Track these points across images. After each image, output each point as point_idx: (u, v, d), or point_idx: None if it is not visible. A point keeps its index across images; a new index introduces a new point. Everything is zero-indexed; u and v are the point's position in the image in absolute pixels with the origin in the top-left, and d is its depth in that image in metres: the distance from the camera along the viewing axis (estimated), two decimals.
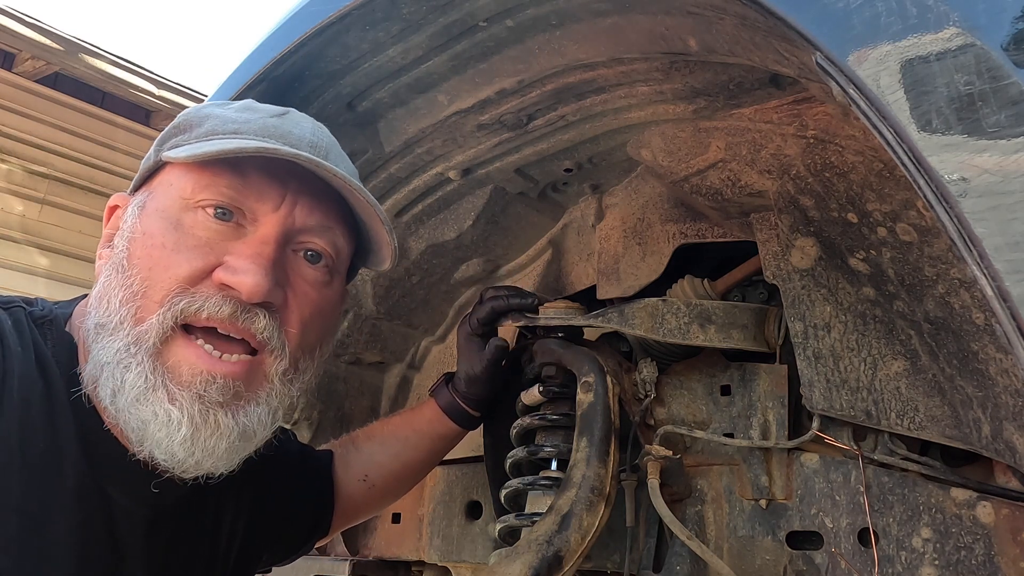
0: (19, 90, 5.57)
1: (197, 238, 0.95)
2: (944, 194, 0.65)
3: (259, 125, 1.01)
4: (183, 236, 0.95)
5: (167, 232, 0.95)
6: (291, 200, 1.00)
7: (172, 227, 0.95)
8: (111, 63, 5.42)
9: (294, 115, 1.07)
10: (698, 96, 1.20)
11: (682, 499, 1.32)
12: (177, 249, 0.94)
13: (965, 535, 1.07)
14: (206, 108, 1.06)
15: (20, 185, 5.66)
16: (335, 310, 1.10)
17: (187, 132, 1.02)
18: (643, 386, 1.33)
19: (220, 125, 1.01)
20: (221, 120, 1.02)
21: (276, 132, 1.01)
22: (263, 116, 1.03)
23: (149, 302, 0.92)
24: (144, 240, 0.96)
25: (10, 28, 4.98)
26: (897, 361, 1.10)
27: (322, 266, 1.04)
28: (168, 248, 0.94)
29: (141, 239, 0.96)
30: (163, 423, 0.90)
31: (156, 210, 0.98)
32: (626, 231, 1.50)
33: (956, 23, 0.65)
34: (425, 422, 1.44)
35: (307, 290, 1.02)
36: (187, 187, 0.97)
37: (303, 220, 1.01)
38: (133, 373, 0.90)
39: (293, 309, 1.00)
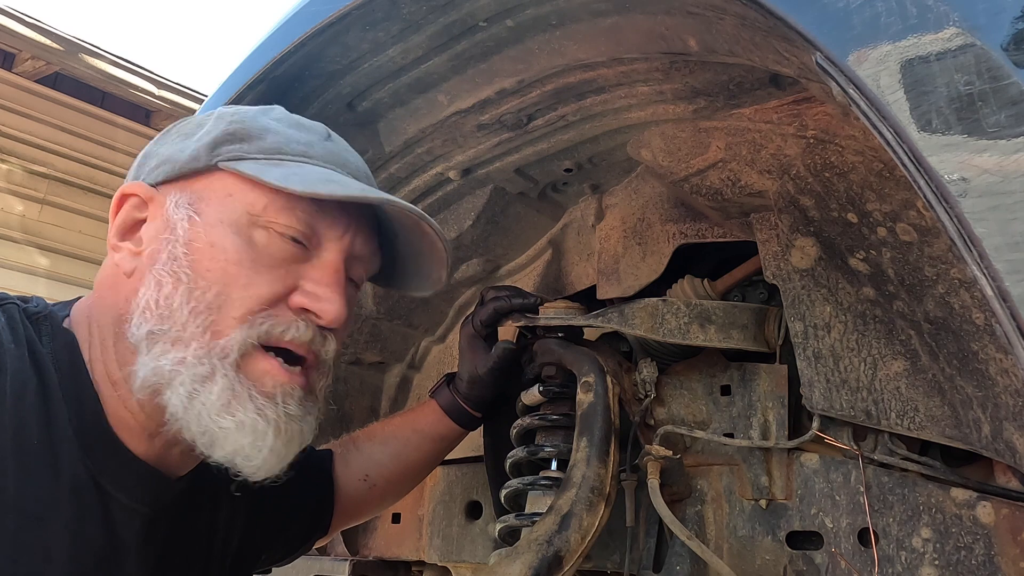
0: (19, 90, 5.58)
1: (273, 259, 0.96)
2: (944, 194, 0.65)
3: (322, 150, 1.02)
4: (258, 255, 0.96)
5: (241, 249, 0.95)
6: (354, 228, 1.03)
7: (245, 244, 0.96)
8: (111, 63, 5.42)
9: (336, 136, 1.10)
10: (698, 96, 1.20)
11: (682, 499, 1.32)
12: (255, 268, 0.95)
13: (965, 535, 1.07)
14: (258, 118, 1.03)
15: (20, 185, 5.66)
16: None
17: (246, 142, 1.00)
18: (643, 386, 1.33)
19: (284, 143, 1.00)
20: (283, 137, 1.01)
21: (339, 160, 1.04)
22: (317, 138, 1.05)
23: (227, 317, 0.94)
24: (213, 253, 0.95)
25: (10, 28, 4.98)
26: (897, 361, 1.10)
27: (354, 287, 1.08)
28: (245, 266, 0.95)
29: (209, 251, 0.95)
30: (250, 431, 0.93)
31: (221, 222, 0.96)
32: (626, 231, 1.50)
33: (956, 23, 0.65)
34: (426, 422, 1.44)
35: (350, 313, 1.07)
36: (257, 204, 0.96)
37: (360, 249, 1.05)
38: (219, 385, 0.92)
39: (342, 332, 1.04)
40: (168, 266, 0.95)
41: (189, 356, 0.92)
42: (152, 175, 1.02)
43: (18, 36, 5.05)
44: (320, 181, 0.97)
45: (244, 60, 1.31)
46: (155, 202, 1.00)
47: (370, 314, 1.71)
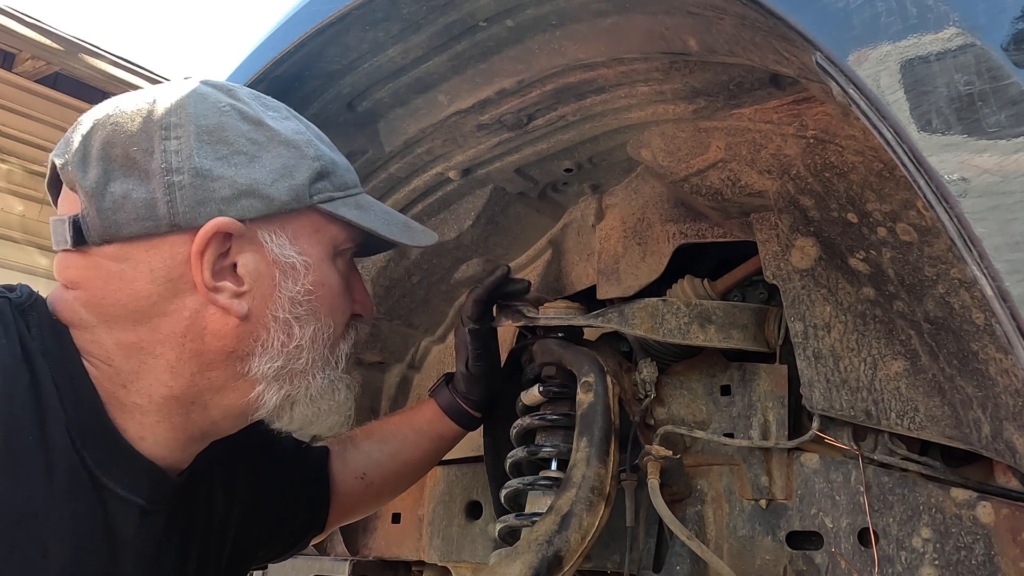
0: (19, 90, 5.57)
1: (348, 280, 1.13)
2: (944, 194, 0.65)
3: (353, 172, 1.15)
4: (342, 280, 1.11)
5: (339, 281, 1.10)
6: None
7: (337, 274, 1.10)
8: (111, 63, 5.42)
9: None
10: (698, 96, 1.20)
11: (682, 499, 1.32)
12: (343, 295, 1.11)
13: (965, 535, 1.07)
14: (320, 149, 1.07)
15: (20, 185, 5.66)
16: None
17: (327, 179, 1.07)
18: (643, 386, 1.33)
19: (345, 174, 1.11)
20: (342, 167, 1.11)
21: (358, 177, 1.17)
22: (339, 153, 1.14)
23: (335, 337, 1.11)
24: (324, 291, 1.07)
25: (10, 28, 4.98)
26: (897, 361, 1.10)
27: None
28: (342, 294, 1.11)
29: (322, 290, 1.06)
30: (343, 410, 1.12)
31: (322, 260, 1.07)
32: (626, 231, 1.50)
33: (956, 23, 0.65)
34: (425, 422, 1.44)
35: None
36: (338, 237, 1.08)
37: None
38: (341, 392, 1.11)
39: None
40: (293, 311, 1.04)
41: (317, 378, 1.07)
42: (234, 209, 0.97)
43: (18, 36, 5.05)
44: (404, 229, 1.15)
45: (244, 60, 1.31)
46: (247, 238, 0.99)
47: None
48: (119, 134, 0.97)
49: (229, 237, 0.97)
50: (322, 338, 1.07)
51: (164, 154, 0.95)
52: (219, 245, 0.96)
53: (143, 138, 0.96)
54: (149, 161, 0.95)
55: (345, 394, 1.12)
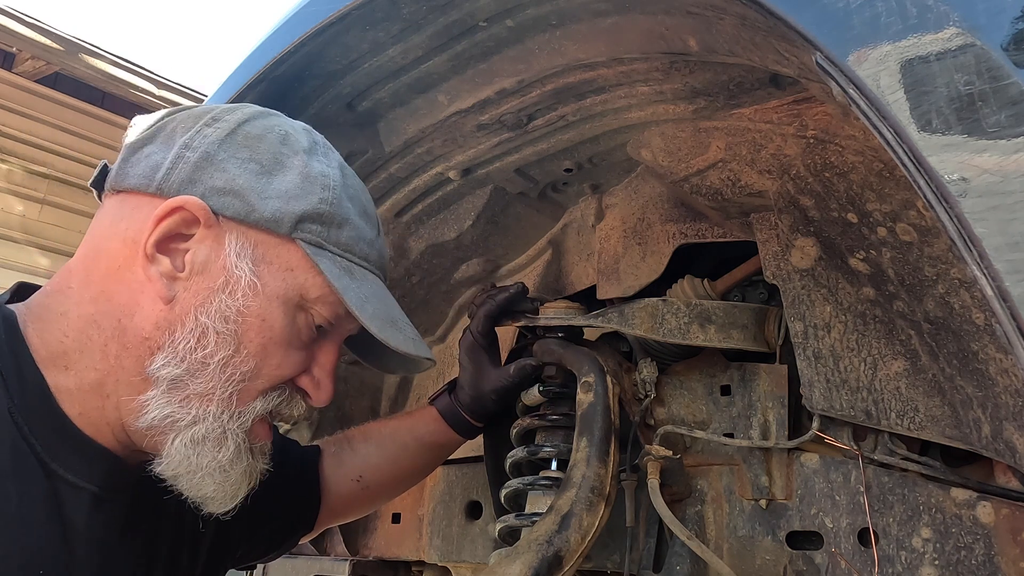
0: (19, 90, 5.58)
1: (303, 342, 1.03)
2: (944, 194, 0.65)
3: (376, 254, 1.09)
4: (294, 336, 1.02)
5: (284, 328, 1.00)
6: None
7: (289, 324, 1.01)
8: (111, 63, 5.42)
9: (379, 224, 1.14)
10: (698, 96, 1.20)
11: (682, 499, 1.32)
12: (288, 348, 1.01)
13: (965, 535, 1.07)
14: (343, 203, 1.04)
15: (20, 185, 5.66)
16: None
17: (328, 228, 1.02)
18: (643, 386, 1.33)
19: (355, 241, 1.04)
20: (356, 232, 1.05)
21: (383, 262, 1.11)
22: (374, 234, 1.10)
23: (253, 388, 1.00)
24: (262, 328, 0.99)
25: (10, 28, 4.98)
26: (897, 361, 1.10)
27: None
28: (281, 346, 1.00)
29: (259, 326, 0.98)
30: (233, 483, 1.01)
31: (277, 297, 0.99)
32: (626, 231, 1.50)
33: (956, 23, 0.65)
34: (425, 430, 1.43)
35: None
36: (312, 291, 1.01)
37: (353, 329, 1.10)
38: (230, 450, 0.99)
39: None
40: (217, 323, 0.96)
41: (210, 416, 0.97)
42: (216, 201, 0.97)
43: (18, 36, 5.05)
44: (386, 322, 1.04)
45: (244, 60, 1.31)
46: (213, 232, 0.97)
47: None
48: (183, 118, 1.03)
49: (196, 223, 0.96)
50: (234, 372, 0.97)
51: (195, 134, 0.99)
52: (181, 223, 0.96)
53: (193, 121, 1.01)
54: (182, 136, 0.99)
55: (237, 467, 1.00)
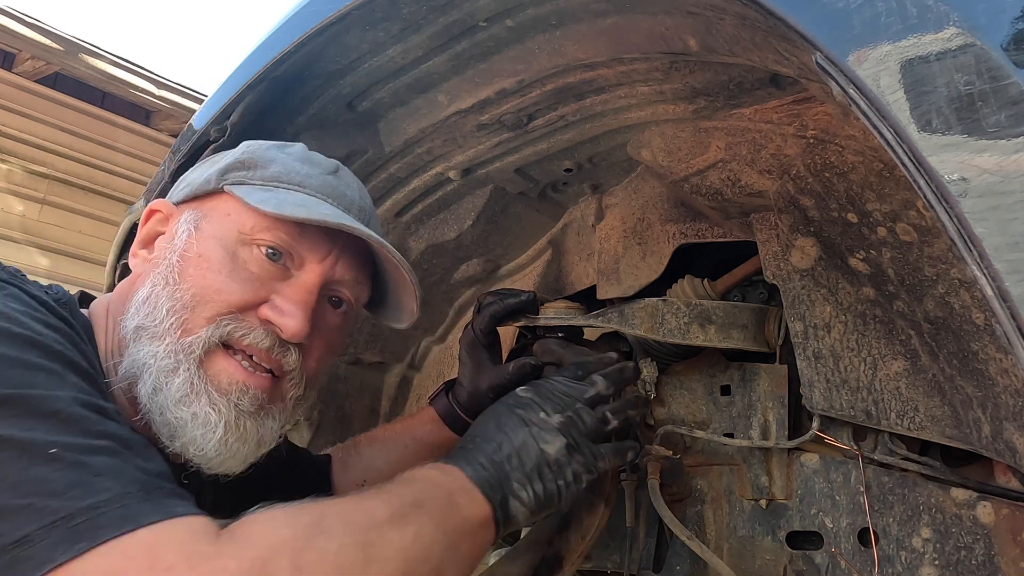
0: (19, 90, 5.58)
1: (250, 272, 1.05)
2: (944, 194, 0.65)
3: (319, 182, 1.11)
4: (237, 267, 1.04)
5: (223, 260, 1.04)
6: (336, 255, 1.10)
7: (228, 256, 1.04)
8: (111, 63, 5.42)
9: (343, 173, 1.17)
10: (698, 96, 1.20)
11: (682, 499, 1.32)
12: (231, 277, 1.03)
13: (965, 535, 1.07)
14: (269, 150, 1.14)
15: (20, 185, 5.66)
16: (341, 348, 1.24)
17: (252, 170, 1.10)
18: (643, 386, 1.33)
19: (284, 173, 1.10)
20: (285, 168, 1.11)
21: (334, 192, 1.12)
22: (321, 172, 1.13)
23: (197, 317, 1.01)
24: (199, 262, 1.04)
25: (10, 28, 4.98)
26: (897, 361, 1.10)
27: (342, 311, 1.15)
28: (223, 274, 1.03)
29: (196, 260, 1.04)
30: (202, 424, 0.99)
31: (213, 236, 1.06)
32: (626, 231, 1.50)
33: (956, 23, 0.65)
34: (424, 431, 1.44)
35: (328, 331, 1.13)
36: (247, 223, 1.06)
37: (342, 273, 1.11)
38: (180, 378, 0.99)
39: (315, 347, 1.10)
40: (163, 270, 1.05)
41: (161, 350, 0.99)
42: (176, 195, 1.14)
43: (18, 36, 5.05)
44: (293, 205, 1.05)
45: (244, 60, 1.31)
46: (173, 217, 1.11)
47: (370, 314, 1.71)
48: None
49: (164, 217, 1.12)
50: (176, 304, 1.01)
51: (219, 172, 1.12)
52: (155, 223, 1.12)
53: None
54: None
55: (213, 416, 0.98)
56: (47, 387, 0.79)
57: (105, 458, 0.77)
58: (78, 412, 0.79)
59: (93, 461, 0.75)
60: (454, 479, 1.00)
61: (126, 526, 0.71)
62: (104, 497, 0.72)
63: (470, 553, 0.96)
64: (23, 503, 0.69)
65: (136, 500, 0.74)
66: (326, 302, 1.12)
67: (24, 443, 0.73)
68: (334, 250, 1.10)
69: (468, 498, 0.98)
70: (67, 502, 0.71)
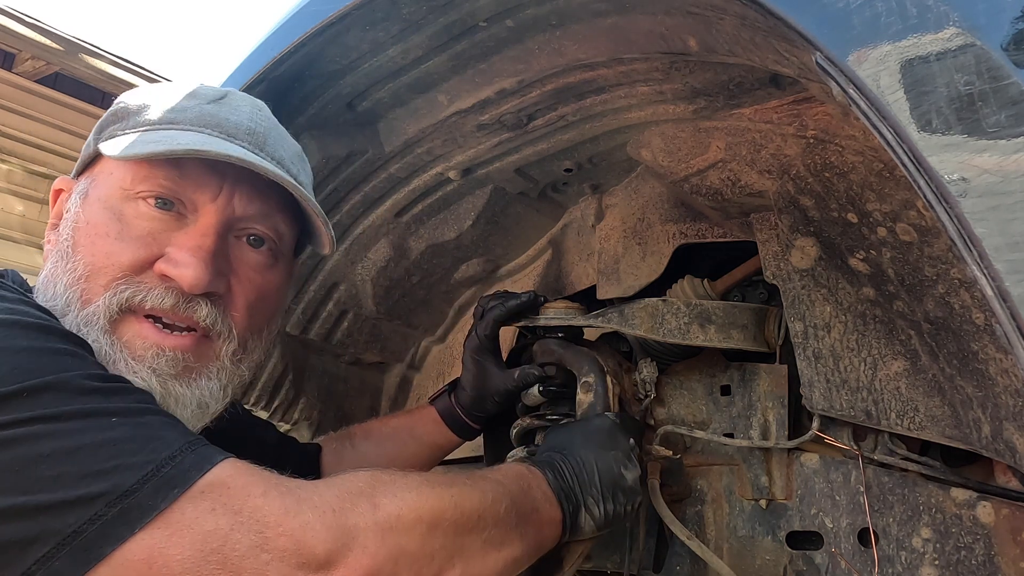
0: (19, 90, 5.57)
1: (139, 228, 0.99)
2: (944, 194, 0.65)
3: (195, 113, 1.02)
4: (125, 226, 0.98)
5: (110, 222, 0.99)
6: (229, 190, 1.02)
7: (115, 217, 0.99)
8: (111, 63, 5.42)
9: (233, 98, 1.08)
10: (698, 96, 1.20)
11: (682, 499, 1.32)
12: (120, 238, 0.98)
13: (965, 535, 1.07)
14: (144, 94, 1.06)
15: (20, 185, 5.66)
16: (281, 291, 1.14)
17: (124, 120, 1.03)
18: (643, 386, 1.33)
19: (156, 114, 1.02)
20: (159, 109, 1.03)
21: (212, 121, 1.03)
22: (200, 103, 1.05)
23: (94, 285, 0.97)
24: (88, 229, 0.99)
25: (10, 28, 4.97)
26: (897, 361, 1.10)
27: (265, 250, 1.08)
28: (111, 237, 0.98)
29: (84, 228, 1.00)
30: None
31: (98, 199, 1.01)
32: (626, 231, 1.50)
33: (956, 23, 0.65)
34: (424, 430, 1.44)
35: (251, 275, 1.06)
36: (126, 178, 1.00)
37: (243, 209, 1.04)
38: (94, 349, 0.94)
39: (238, 295, 1.04)
40: (58, 248, 1.01)
41: (68, 325, 0.95)
42: (75, 170, 1.10)
43: (18, 36, 5.05)
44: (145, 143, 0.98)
45: (244, 60, 1.31)
46: (71, 194, 1.06)
47: (370, 314, 1.71)
48: None
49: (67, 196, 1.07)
50: (71, 277, 0.97)
51: None
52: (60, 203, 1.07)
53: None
54: None
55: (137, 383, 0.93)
56: (78, 368, 0.83)
57: (155, 416, 0.84)
58: (113, 385, 0.84)
59: (150, 420, 0.82)
60: (535, 476, 1.05)
61: (205, 466, 0.79)
62: (177, 447, 0.79)
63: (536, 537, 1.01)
64: (112, 464, 0.75)
65: (199, 445, 0.82)
66: (243, 242, 1.05)
67: (86, 413, 0.78)
68: (225, 184, 1.02)
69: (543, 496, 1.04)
70: (151, 455, 0.77)
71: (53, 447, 0.75)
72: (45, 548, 0.71)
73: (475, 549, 0.90)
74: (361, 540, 0.80)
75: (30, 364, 0.79)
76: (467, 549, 0.90)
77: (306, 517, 0.79)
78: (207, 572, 0.74)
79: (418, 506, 0.86)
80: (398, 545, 0.83)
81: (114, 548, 0.72)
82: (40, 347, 0.82)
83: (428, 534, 0.86)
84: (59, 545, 0.72)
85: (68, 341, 0.87)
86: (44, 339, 0.84)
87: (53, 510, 0.72)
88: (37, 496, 0.73)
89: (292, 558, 0.77)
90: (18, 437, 0.74)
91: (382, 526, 0.83)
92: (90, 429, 0.77)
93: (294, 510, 0.79)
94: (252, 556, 0.75)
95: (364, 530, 0.81)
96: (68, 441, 0.76)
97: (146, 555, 0.73)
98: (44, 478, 0.73)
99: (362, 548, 0.80)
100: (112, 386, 0.84)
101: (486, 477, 1.00)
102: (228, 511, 0.77)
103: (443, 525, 0.87)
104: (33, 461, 0.74)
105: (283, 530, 0.77)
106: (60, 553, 0.71)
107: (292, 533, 0.77)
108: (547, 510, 1.03)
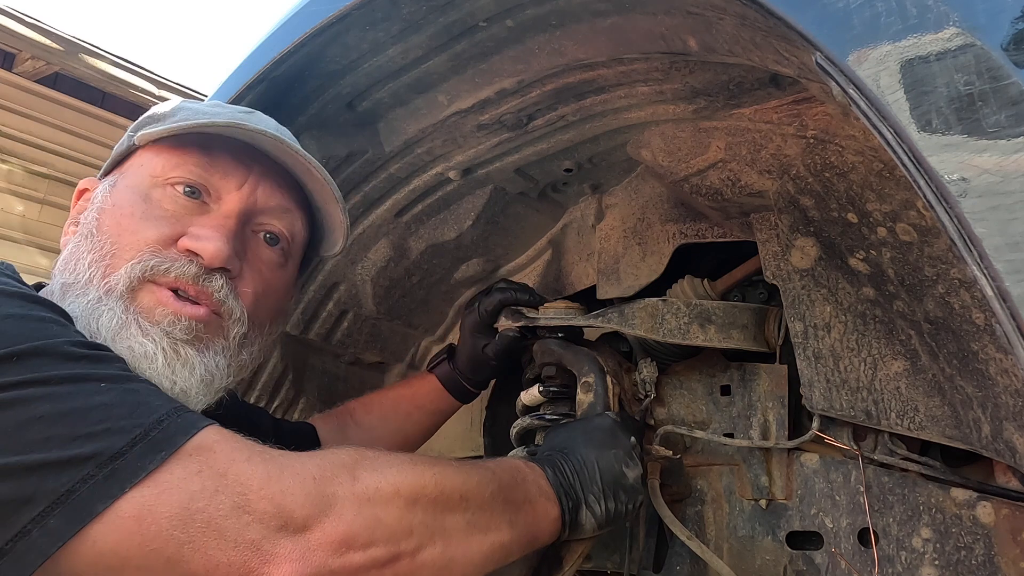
0: (19, 90, 5.57)
1: (165, 210, 1.05)
2: (944, 194, 0.65)
3: (227, 118, 1.09)
4: (151, 207, 1.04)
5: (136, 203, 1.04)
6: (254, 181, 1.09)
7: (141, 200, 1.05)
8: (111, 63, 5.42)
9: (259, 114, 1.16)
10: (698, 96, 1.20)
11: (682, 499, 1.32)
12: (146, 218, 1.03)
13: (965, 535, 1.07)
14: (177, 102, 1.15)
15: (20, 185, 5.66)
16: (286, 293, 1.19)
17: (160, 121, 1.10)
18: (643, 386, 1.33)
19: (191, 115, 1.10)
20: (192, 111, 1.11)
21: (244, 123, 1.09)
22: (232, 112, 1.13)
23: (118, 260, 1.01)
24: (114, 211, 1.05)
25: (10, 28, 4.97)
26: (897, 361, 1.10)
27: (279, 249, 1.13)
28: (137, 216, 1.03)
29: (111, 210, 1.05)
30: (140, 356, 0.97)
31: (127, 186, 1.07)
32: (626, 231, 1.50)
33: (956, 23, 0.65)
34: (428, 398, 1.50)
35: (262, 268, 1.11)
36: (157, 166, 1.06)
37: (264, 201, 1.10)
38: (106, 316, 0.98)
39: (248, 280, 1.09)
40: (80, 231, 1.07)
41: (88, 299, 1.00)
42: (103, 169, 1.16)
43: (18, 36, 5.05)
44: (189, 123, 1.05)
45: (244, 60, 1.31)
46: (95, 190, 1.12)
47: (370, 314, 1.71)
48: None
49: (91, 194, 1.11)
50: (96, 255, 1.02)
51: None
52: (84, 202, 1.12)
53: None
54: None
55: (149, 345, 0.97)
56: (63, 335, 0.85)
57: (142, 384, 0.87)
58: (97, 352, 0.87)
59: (137, 387, 0.85)
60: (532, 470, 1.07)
61: (191, 430, 0.82)
62: (164, 411, 0.82)
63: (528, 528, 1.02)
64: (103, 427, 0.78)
65: (184, 411, 0.84)
66: (259, 238, 1.11)
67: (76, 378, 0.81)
68: (251, 176, 1.09)
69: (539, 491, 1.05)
70: (139, 419, 0.80)
71: (45, 409, 0.78)
72: (39, 507, 0.74)
73: (458, 529, 0.92)
74: (338, 508, 0.84)
75: (16, 330, 0.82)
76: (449, 528, 0.92)
77: (287, 483, 0.82)
78: (192, 529, 0.77)
79: (397, 480, 0.89)
80: (375, 515, 0.85)
81: (106, 506, 0.75)
82: (25, 314, 0.85)
83: (407, 508, 0.88)
84: (53, 504, 0.74)
85: (52, 310, 0.90)
86: (28, 307, 0.86)
87: (46, 470, 0.75)
88: (30, 456, 0.75)
89: (272, 520, 0.80)
90: (11, 400, 0.77)
91: (359, 496, 0.85)
92: (81, 393, 0.80)
93: (276, 476, 0.82)
94: (235, 516, 0.79)
95: (342, 499, 0.84)
96: (60, 404, 0.78)
97: (136, 512, 0.76)
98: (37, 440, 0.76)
99: (339, 515, 0.83)
100: (98, 353, 0.87)
101: (475, 464, 1.03)
102: (214, 474, 0.80)
103: (422, 501, 0.89)
104: (26, 423, 0.76)
105: (264, 493, 0.80)
106: (54, 512, 0.74)
107: (272, 497, 0.81)
108: (543, 504, 1.04)
